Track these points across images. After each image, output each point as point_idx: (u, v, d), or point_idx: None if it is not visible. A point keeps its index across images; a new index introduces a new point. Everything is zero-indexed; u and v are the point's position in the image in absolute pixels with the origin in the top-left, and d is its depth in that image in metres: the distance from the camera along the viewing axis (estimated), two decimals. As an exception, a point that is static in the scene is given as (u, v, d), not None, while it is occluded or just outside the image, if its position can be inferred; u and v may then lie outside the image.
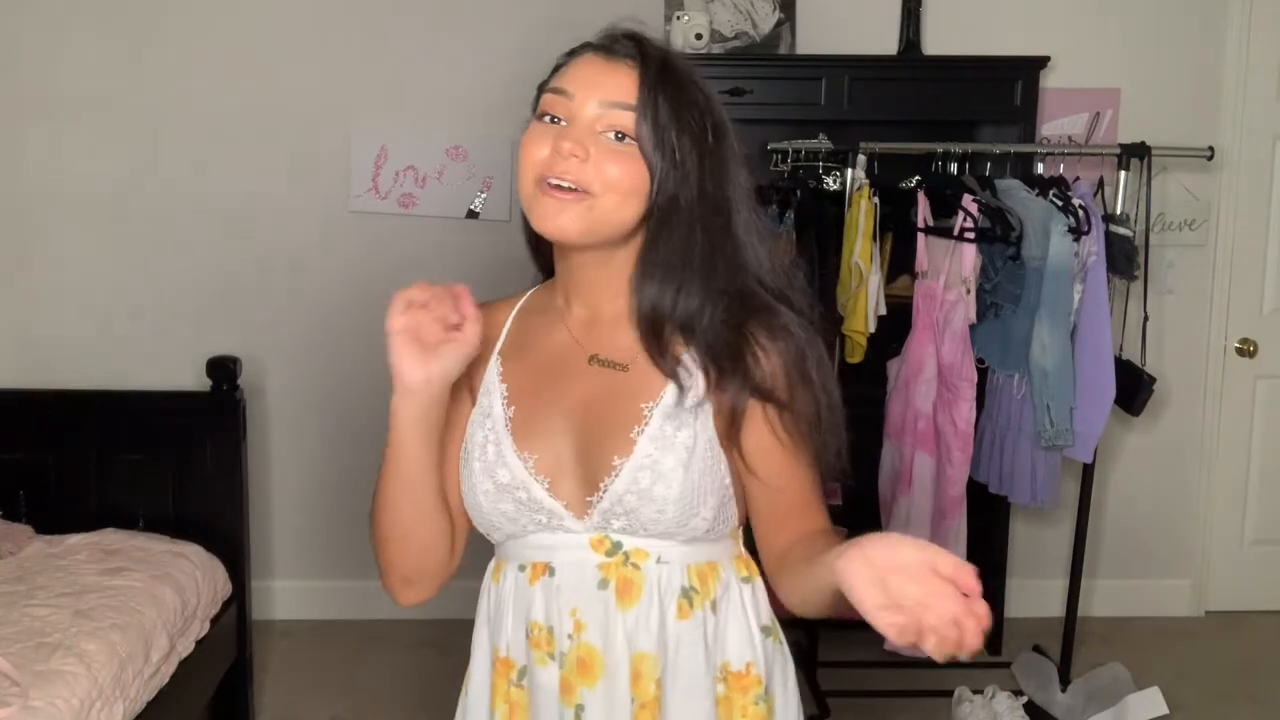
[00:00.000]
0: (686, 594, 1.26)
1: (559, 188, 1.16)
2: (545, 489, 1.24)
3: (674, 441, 1.21)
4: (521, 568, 1.28)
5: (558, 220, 1.17)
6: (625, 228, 1.20)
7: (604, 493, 1.22)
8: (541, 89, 1.24)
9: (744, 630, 1.30)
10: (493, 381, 1.29)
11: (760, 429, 1.22)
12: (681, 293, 1.21)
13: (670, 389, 1.22)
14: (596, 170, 1.16)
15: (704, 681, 1.27)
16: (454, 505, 1.30)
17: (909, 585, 0.95)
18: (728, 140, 1.23)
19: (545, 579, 1.26)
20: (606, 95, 1.17)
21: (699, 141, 1.20)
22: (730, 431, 1.22)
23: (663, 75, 1.19)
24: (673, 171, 1.18)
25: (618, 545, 1.24)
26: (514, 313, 1.34)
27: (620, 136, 1.17)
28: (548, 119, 1.19)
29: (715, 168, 1.21)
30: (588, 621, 1.25)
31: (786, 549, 1.23)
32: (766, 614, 1.34)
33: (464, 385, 1.29)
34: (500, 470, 1.24)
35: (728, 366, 1.20)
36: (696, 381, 1.22)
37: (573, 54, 1.24)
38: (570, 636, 1.25)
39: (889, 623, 0.96)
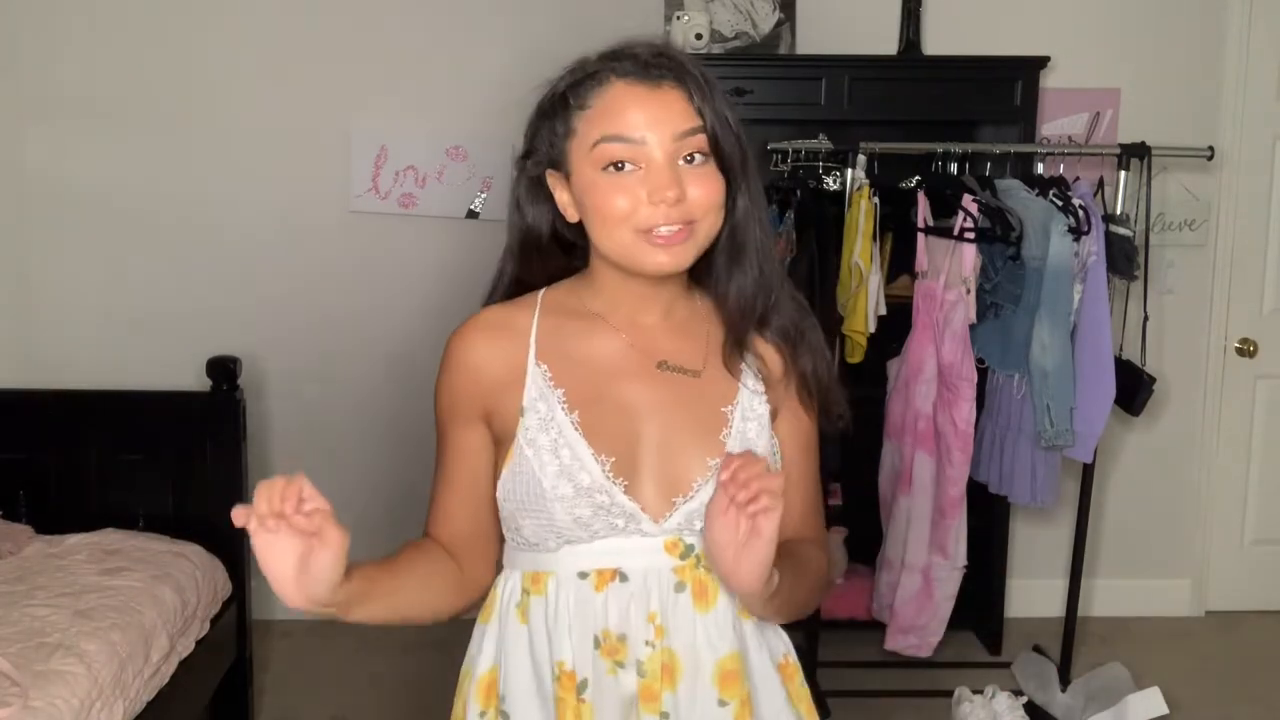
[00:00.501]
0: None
1: (669, 234, 1.18)
2: (623, 491, 1.23)
3: (757, 445, 1.26)
4: (583, 575, 1.25)
5: (667, 259, 1.19)
6: (714, 238, 1.24)
7: (695, 493, 1.23)
8: (557, 124, 1.21)
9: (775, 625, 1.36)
10: (542, 388, 1.25)
11: (787, 420, 1.31)
12: (763, 279, 1.27)
13: (744, 391, 1.27)
14: (692, 200, 1.18)
15: (773, 675, 1.31)
16: (483, 530, 1.30)
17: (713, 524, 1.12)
18: (746, 137, 1.26)
19: (616, 585, 1.24)
20: (675, 127, 1.17)
21: (741, 136, 1.22)
22: (782, 409, 1.30)
23: (703, 87, 1.20)
24: (742, 172, 1.22)
25: (690, 548, 1.25)
26: (536, 315, 1.29)
27: (690, 158, 1.18)
28: (613, 168, 1.18)
29: (751, 158, 1.25)
30: (669, 627, 1.24)
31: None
32: None
33: (467, 418, 1.28)
34: (580, 474, 1.22)
35: (799, 339, 1.30)
36: (771, 366, 1.30)
37: (586, 86, 1.19)
38: (649, 643, 1.24)
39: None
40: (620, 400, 1.25)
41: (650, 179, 1.16)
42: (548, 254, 1.31)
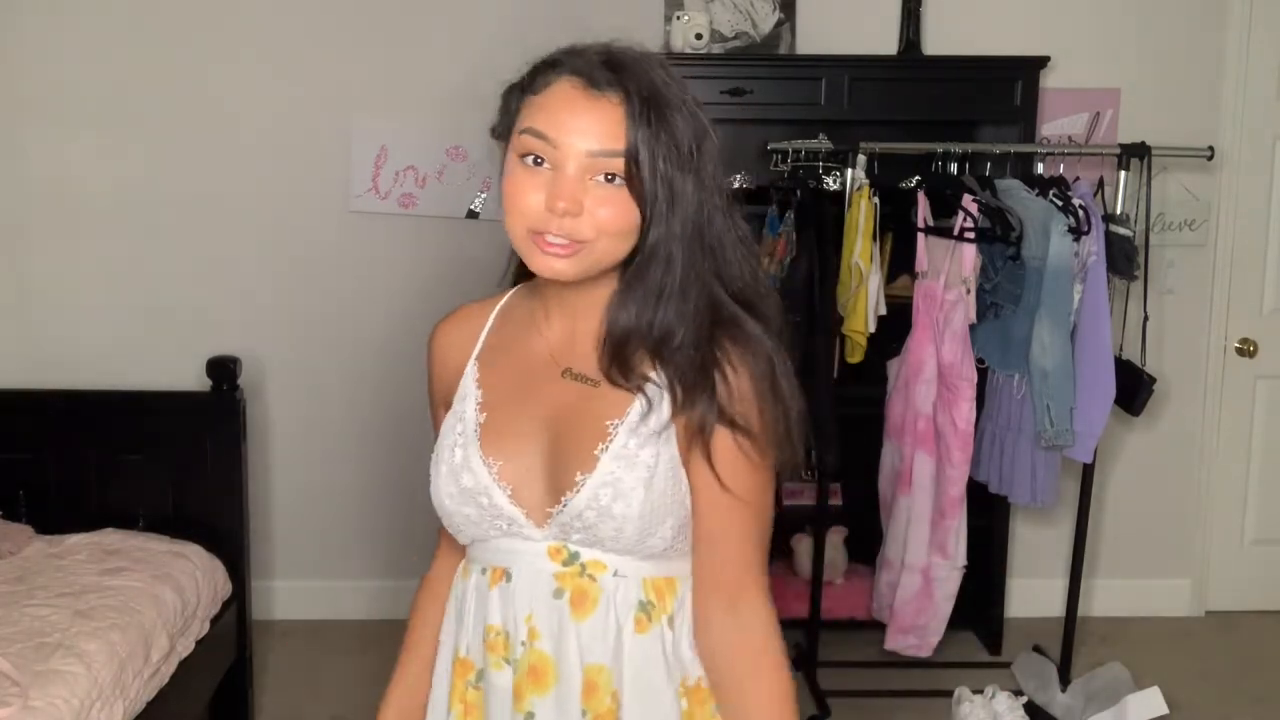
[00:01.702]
0: (644, 608, 1.25)
1: (554, 244, 1.15)
2: (507, 496, 1.24)
3: (637, 460, 1.20)
4: (484, 570, 1.29)
5: (554, 266, 1.16)
6: (617, 261, 1.19)
7: (564, 506, 1.21)
8: (509, 106, 1.20)
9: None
10: (469, 386, 1.30)
11: (706, 472, 1.20)
12: (657, 317, 1.19)
13: (636, 406, 1.21)
14: (590, 218, 1.14)
15: (666, 695, 1.26)
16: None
17: None
18: (710, 149, 1.19)
19: (503, 584, 1.27)
20: (594, 143, 1.13)
21: (685, 165, 1.16)
22: (689, 454, 1.21)
23: (647, 108, 1.14)
24: (663, 205, 1.16)
25: (575, 556, 1.24)
26: (493, 316, 1.34)
27: (610, 177, 1.14)
28: (530, 159, 1.16)
29: (699, 185, 1.18)
30: (542, 630, 1.24)
31: (711, 633, 1.24)
32: None
33: (443, 397, 1.34)
34: (465, 475, 1.25)
35: (694, 386, 1.19)
36: (661, 404, 1.20)
37: (543, 73, 1.18)
38: (524, 643, 1.25)
39: None
40: (527, 404, 1.26)
41: (554, 185, 1.14)
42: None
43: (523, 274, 1.33)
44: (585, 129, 1.14)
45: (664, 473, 1.21)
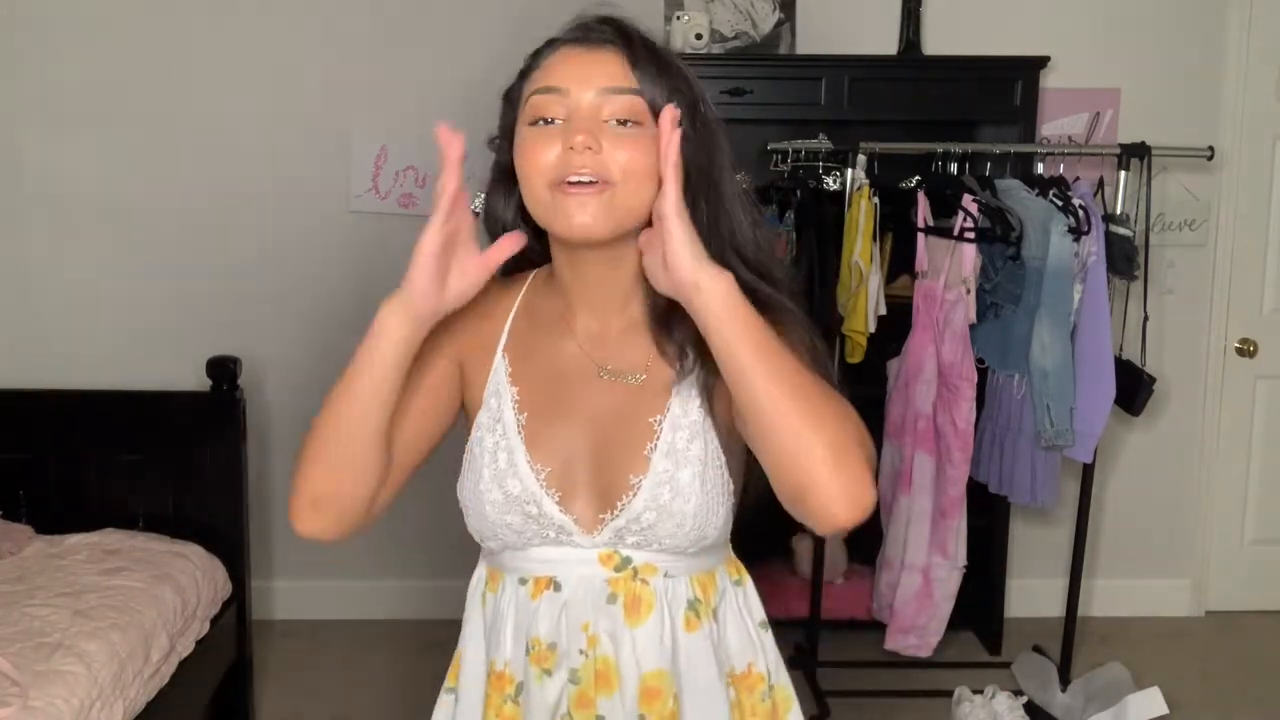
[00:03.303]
0: (693, 606, 1.25)
1: (579, 184, 1.12)
2: (556, 503, 1.21)
3: (688, 455, 1.20)
4: (522, 581, 1.25)
5: (583, 218, 1.12)
6: (644, 212, 1.15)
7: (620, 511, 1.20)
8: (510, 97, 1.21)
9: (743, 631, 1.31)
10: (501, 383, 1.25)
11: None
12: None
13: (675, 401, 1.20)
14: (611, 159, 1.12)
15: (719, 689, 1.26)
16: (394, 455, 1.20)
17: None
18: (712, 111, 1.21)
19: (550, 594, 1.23)
20: (604, 83, 1.13)
21: (692, 113, 1.17)
22: (729, 411, 1.17)
23: (649, 52, 1.16)
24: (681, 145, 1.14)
25: (627, 560, 1.23)
26: (516, 306, 1.29)
27: (623, 122, 1.14)
28: (541, 123, 1.15)
29: (708, 140, 1.19)
30: (601, 636, 1.22)
31: None
32: (759, 610, 1.34)
33: (444, 346, 1.24)
34: (511, 481, 1.21)
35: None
36: (689, 364, 1.20)
37: (541, 53, 1.19)
38: (583, 652, 1.23)
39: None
40: (566, 408, 1.23)
41: (569, 129, 1.13)
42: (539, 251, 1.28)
43: (518, 266, 1.29)
44: (592, 74, 1.14)
45: (714, 463, 1.20)
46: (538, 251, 1.27)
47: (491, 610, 1.29)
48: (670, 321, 1.20)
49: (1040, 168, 3.24)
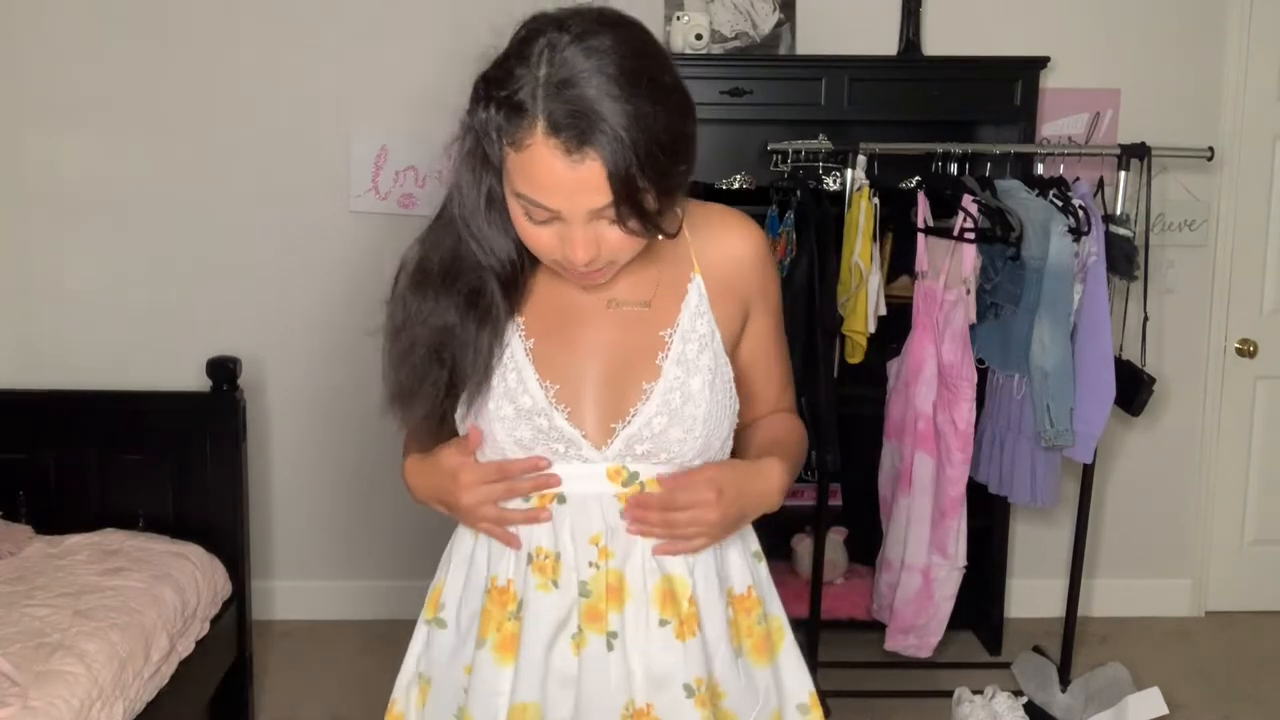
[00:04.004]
0: None
1: (585, 273, 1.22)
2: (565, 417, 1.27)
3: (698, 363, 1.29)
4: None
5: (592, 283, 1.26)
6: (639, 250, 1.25)
7: (633, 417, 1.27)
8: (486, 117, 1.18)
9: (741, 556, 1.38)
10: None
11: (752, 331, 1.39)
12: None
13: (684, 315, 1.30)
14: (607, 247, 1.19)
15: (719, 605, 1.32)
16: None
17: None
18: (692, 120, 1.18)
19: (555, 507, 1.29)
20: (592, 202, 1.14)
21: (676, 158, 1.15)
22: (736, 335, 1.37)
23: (625, 144, 1.10)
24: (664, 205, 1.18)
25: (634, 475, 1.28)
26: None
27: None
28: (534, 218, 1.18)
29: (688, 147, 1.18)
30: (613, 549, 1.28)
31: (755, 421, 1.43)
32: (755, 541, 1.43)
33: None
34: (522, 396, 1.27)
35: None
36: (719, 278, 1.34)
37: (515, 119, 1.13)
38: (593, 564, 1.28)
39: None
40: (573, 337, 1.30)
41: (567, 238, 1.18)
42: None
43: None
44: (579, 196, 1.14)
45: (722, 373, 1.31)
46: None
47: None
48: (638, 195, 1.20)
49: (1040, 168, 3.24)
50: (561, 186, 1.14)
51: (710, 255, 1.34)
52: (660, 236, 1.22)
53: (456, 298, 1.29)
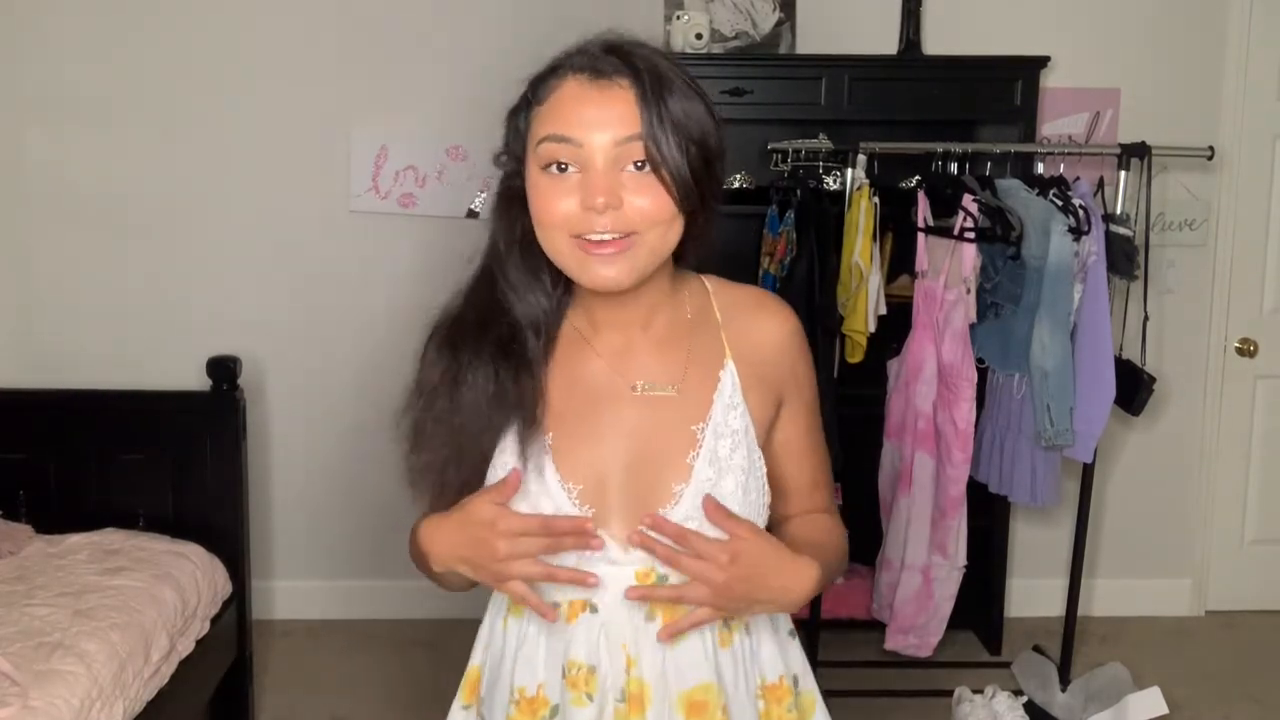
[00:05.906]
0: (725, 622, 1.24)
1: (603, 242, 1.12)
2: (590, 518, 1.19)
3: (730, 463, 1.20)
4: (555, 605, 1.21)
5: (608, 273, 1.13)
6: (666, 253, 1.17)
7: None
8: (516, 120, 1.18)
9: (773, 642, 1.31)
10: None
11: (785, 420, 1.31)
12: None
13: (717, 408, 1.21)
14: (632, 209, 1.12)
15: (750, 705, 1.26)
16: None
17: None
18: (719, 121, 1.19)
19: (587, 616, 1.21)
20: (616, 131, 1.11)
21: (705, 141, 1.15)
22: (769, 425, 1.28)
23: (658, 85, 1.12)
24: (694, 180, 1.14)
25: (664, 578, 1.20)
26: None
27: (641, 165, 1.12)
28: (554, 168, 1.13)
29: (719, 154, 1.18)
30: (639, 656, 1.21)
31: (787, 519, 1.33)
32: (786, 620, 1.34)
33: None
34: (543, 500, 1.19)
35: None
36: (753, 363, 1.26)
37: (546, 82, 1.15)
38: (624, 671, 1.21)
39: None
40: (595, 425, 1.21)
41: (586, 184, 1.11)
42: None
43: None
44: (604, 119, 1.11)
45: (755, 473, 1.23)
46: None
47: (516, 635, 1.27)
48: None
49: (1040, 167, 3.23)
50: (590, 107, 1.11)
51: (742, 339, 1.26)
52: (684, 212, 1.14)
53: (491, 347, 1.22)
